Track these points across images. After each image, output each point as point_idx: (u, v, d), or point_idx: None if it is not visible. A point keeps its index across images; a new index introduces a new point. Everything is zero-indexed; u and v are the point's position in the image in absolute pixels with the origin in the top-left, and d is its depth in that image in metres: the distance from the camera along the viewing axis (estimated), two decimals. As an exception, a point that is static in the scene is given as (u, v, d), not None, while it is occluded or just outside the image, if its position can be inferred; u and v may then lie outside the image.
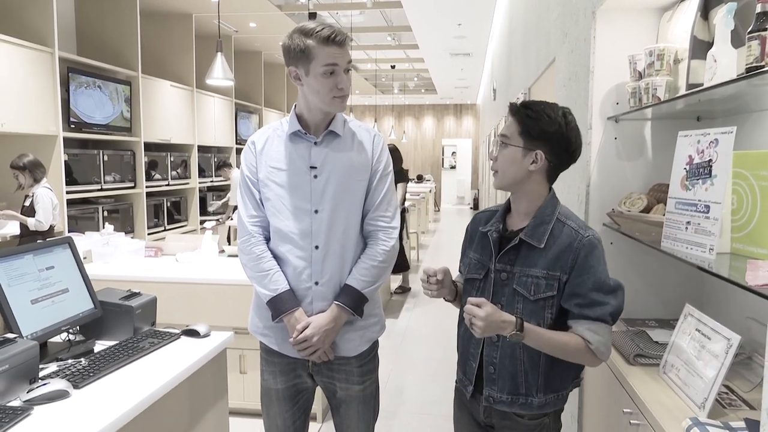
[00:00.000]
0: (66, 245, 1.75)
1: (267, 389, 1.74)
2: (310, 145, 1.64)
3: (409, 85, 15.01)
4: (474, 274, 1.49)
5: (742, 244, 1.33)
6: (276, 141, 1.66)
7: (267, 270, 1.61)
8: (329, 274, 1.62)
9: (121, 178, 5.54)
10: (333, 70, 1.54)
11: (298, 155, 1.63)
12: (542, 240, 1.37)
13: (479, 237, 1.52)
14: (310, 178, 1.62)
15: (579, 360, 1.37)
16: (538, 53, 3.43)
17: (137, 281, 2.88)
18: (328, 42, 1.53)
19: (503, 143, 1.42)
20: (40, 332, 1.53)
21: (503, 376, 1.41)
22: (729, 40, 1.34)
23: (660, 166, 1.94)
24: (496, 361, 1.42)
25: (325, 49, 1.53)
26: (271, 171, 1.63)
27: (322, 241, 1.61)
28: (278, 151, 1.64)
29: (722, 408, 1.33)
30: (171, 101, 6.40)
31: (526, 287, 1.38)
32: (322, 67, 1.53)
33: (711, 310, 1.71)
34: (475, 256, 1.51)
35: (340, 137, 1.65)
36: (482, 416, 1.50)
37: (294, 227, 1.61)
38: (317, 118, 1.63)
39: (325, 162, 1.63)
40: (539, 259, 1.37)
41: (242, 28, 7.50)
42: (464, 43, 8.59)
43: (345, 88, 1.58)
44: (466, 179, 17.34)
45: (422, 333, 4.79)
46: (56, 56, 4.53)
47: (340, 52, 1.55)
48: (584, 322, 1.34)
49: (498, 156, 1.43)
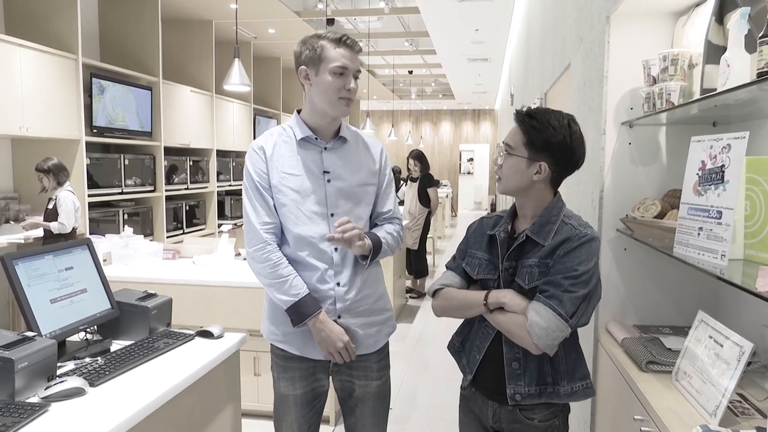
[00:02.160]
0: (85, 246, 1.79)
1: (283, 396, 1.74)
2: (320, 150, 1.67)
3: (427, 91, 15.01)
4: (487, 275, 1.51)
5: (756, 251, 1.31)
6: (284, 147, 1.68)
7: (286, 276, 1.61)
8: (348, 274, 1.67)
9: (141, 182, 5.64)
10: (342, 71, 1.59)
11: (310, 160, 1.66)
12: (547, 238, 1.41)
13: (488, 239, 1.54)
14: (324, 183, 1.65)
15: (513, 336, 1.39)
16: (554, 58, 3.42)
17: (154, 282, 2.93)
18: (339, 43, 1.59)
19: (507, 152, 1.44)
20: (58, 331, 1.58)
21: (529, 369, 1.43)
22: (743, 45, 1.33)
23: (674, 172, 1.92)
24: (520, 355, 1.44)
25: (337, 50, 1.59)
26: (285, 177, 1.65)
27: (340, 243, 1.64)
28: (290, 157, 1.66)
29: (734, 416, 1.31)
30: (191, 106, 6.50)
31: (522, 278, 1.43)
32: (332, 66, 1.58)
33: (725, 317, 1.69)
34: (485, 256, 1.53)
35: (348, 142, 1.70)
36: (491, 420, 1.50)
37: (313, 231, 1.64)
38: (323, 122, 1.66)
39: (338, 166, 1.67)
40: (538, 251, 1.42)
41: (261, 35, 7.59)
42: (482, 49, 8.58)
43: (352, 91, 1.62)
44: (483, 184, 17.26)
45: (436, 338, 4.77)
46: (80, 62, 4.64)
47: (350, 54, 1.60)
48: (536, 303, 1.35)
49: (502, 164, 1.45)
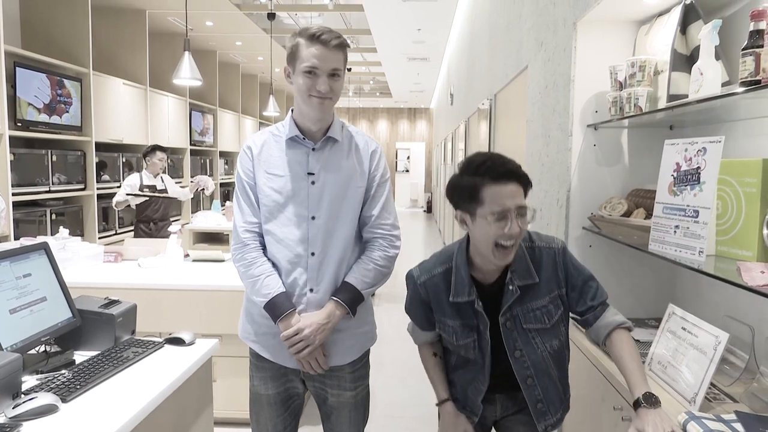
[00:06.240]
0: (42, 251, 1.65)
1: (257, 395, 1.70)
2: (307, 151, 1.62)
3: (365, 89, 15.04)
4: (467, 339, 1.46)
5: (727, 247, 1.41)
6: (274, 145, 1.63)
7: (257, 276, 1.58)
8: (325, 281, 1.60)
9: (68, 180, 5.27)
10: (311, 71, 1.52)
11: (295, 161, 1.61)
12: (534, 275, 1.40)
13: (453, 306, 1.44)
14: (308, 185, 1.60)
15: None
16: (506, 60, 3.52)
17: (103, 288, 2.75)
18: (312, 40, 1.51)
19: (522, 215, 1.32)
20: (20, 344, 1.44)
21: (551, 401, 1.47)
22: (713, 54, 1.42)
23: (636, 172, 2.03)
24: (541, 396, 1.45)
25: (309, 48, 1.52)
26: (269, 177, 1.60)
27: (318, 248, 1.59)
28: (276, 157, 1.61)
29: (708, 402, 1.40)
30: (123, 100, 6.15)
31: (538, 320, 1.42)
32: (303, 66, 1.52)
33: (686, 310, 1.80)
34: (456, 323, 1.45)
35: (338, 143, 1.64)
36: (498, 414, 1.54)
37: (290, 233, 1.59)
38: (309, 123, 1.61)
39: (323, 168, 1.61)
40: (538, 290, 1.41)
41: (198, 27, 7.30)
42: (422, 48, 8.69)
43: (323, 91, 1.54)
44: (419, 182, 17.52)
45: (386, 335, 4.79)
46: (1, 50, 4.26)
47: (323, 53, 1.51)
48: (603, 313, 1.42)
49: (522, 229, 1.33)
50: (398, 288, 5.88)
